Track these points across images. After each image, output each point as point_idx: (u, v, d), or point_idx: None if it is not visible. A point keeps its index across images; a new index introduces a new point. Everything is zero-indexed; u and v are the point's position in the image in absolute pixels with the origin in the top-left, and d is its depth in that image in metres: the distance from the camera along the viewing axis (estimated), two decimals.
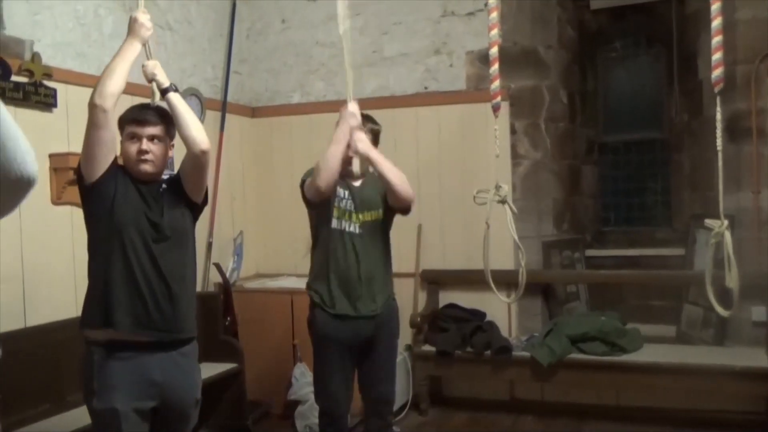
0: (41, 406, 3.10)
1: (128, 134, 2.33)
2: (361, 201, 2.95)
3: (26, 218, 3.16)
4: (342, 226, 2.93)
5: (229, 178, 4.68)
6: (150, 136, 2.32)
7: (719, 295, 2.50)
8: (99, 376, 2.24)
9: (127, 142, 2.33)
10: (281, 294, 4.37)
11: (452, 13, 4.61)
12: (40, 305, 3.23)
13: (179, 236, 2.36)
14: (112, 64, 2.24)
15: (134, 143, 2.31)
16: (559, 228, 4.76)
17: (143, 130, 2.31)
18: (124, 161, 2.36)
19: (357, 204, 2.95)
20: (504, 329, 4.41)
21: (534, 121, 4.61)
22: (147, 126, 2.32)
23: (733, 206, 3.92)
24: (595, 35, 5.12)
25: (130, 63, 2.26)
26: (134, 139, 2.32)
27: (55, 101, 3.31)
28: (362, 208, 2.95)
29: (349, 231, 2.94)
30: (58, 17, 3.41)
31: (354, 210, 2.95)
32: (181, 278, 2.35)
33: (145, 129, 2.31)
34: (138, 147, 2.30)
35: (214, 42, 4.62)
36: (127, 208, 2.27)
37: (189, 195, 2.42)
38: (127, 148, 2.33)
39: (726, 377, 3.72)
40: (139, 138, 2.31)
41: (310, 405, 3.91)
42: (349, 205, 2.96)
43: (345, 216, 2.94)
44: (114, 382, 2.23)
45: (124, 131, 2.34)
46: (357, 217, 2.94)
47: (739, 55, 4.02)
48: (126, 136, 2.34)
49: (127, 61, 2.26)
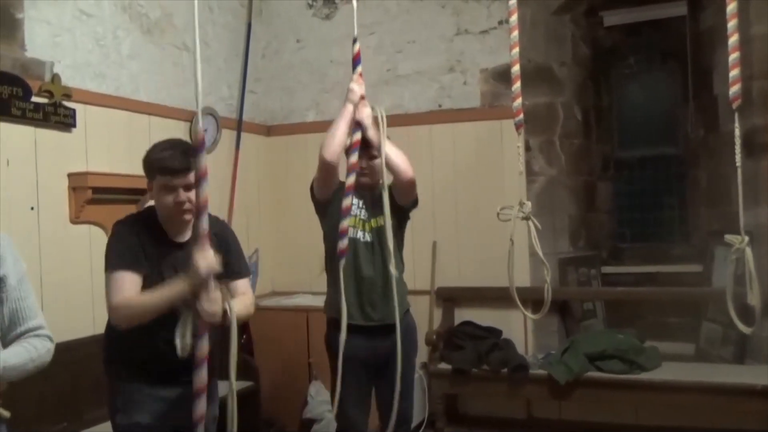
0: (59, 425, 3.11)
1: (162, 185, 2.22)
2: (373, 209, 2.97)
3: (45, 237, 3.19)
4: (356, 234, 2.95)
5: (245, 196, 4.71)
6: (186, 186, 2.21)
7: (740, 312, 2.46)
8: (123, 392, 2.27)
9: (162, 192, 2.23)
10: (297, 312, 4.37)
11: (466, 31, 4.63)
12: (59, 323, 3.23)
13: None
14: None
15: (170, 194, 2.22)
16: (575, 245, 4.74)
17: (179, 181, 2.21)
18: (158, 210, 2.29)
19: (370, 212, 2.97)
20: (520, 347, 4.38)
21: (549, 138, 4.61)
22: (183, 176, 2.21)
23: (752, 222, 3.88)
24: (609, 51, 5.12)
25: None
26: (169, 189, 2.22)
27: (74, 121, 3.34)
28: (374, 215, 2.97)
29: (363, 240, 2.96)
30: (78, 39, 3.46)
31: (367, 218, 2.97)
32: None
33: (181, 180, 2.21)
34: (175, 198, 2.22)
35: (229, 62, 4.67)
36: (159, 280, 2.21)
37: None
38: (162, 199, 2.24)
39: (747, 396, 3.66)
40: (175, 189, 2.21)
41: (326, 423, 3.89)
42: (363, 214, 2.98)
43: (359, 224, 2.97)
44: (137, 398, 2.25)
45: (155, 179, 2.24)
46: (369, 225, 2.97)
47: (755, 70, 4.00)
48: (159, 186, 2.23)
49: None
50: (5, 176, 3.01)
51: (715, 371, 3.97)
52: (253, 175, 4.87)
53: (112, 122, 3.62)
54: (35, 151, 3.18)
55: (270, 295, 4.87)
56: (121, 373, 2.31)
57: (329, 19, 4.93)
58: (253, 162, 4.86)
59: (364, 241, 2.96)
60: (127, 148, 3.57)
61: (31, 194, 3.15)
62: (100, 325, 3.30)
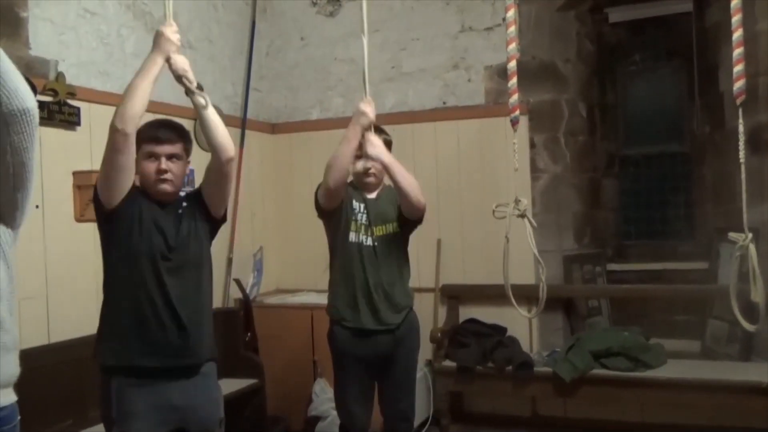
0: (64, 422, 3.12)
1: (146, 153, 2.27)
2: (375, 215, 2.97)
3: (50, 235, 3.21)
4: (359, 239, 2.95)
5: (249, 194, 4.72)
6: (169, 155, 2.28)
7: (744, 309, 2.46)
8: (117, 404, 2.22)
9: (145, 160, 2.28)
10: (301, 310, 4.38)
11: (470, 28, 4.62)
12: (64, 321, 3.26)
13: (194, 262, 2.33)
14: (134, 81, 2.13)
15: (152, 162, 2.27)
16: (580, 242, 4.72)
17: (162, 149, 2.27)
18: (141, 180, 2.32)
19: (372, 218, 2.96)
20: (525, 344, 4.37)
21: (553, 135, 4.60)
22: (166, 144, 2.28)
23: (757, 219, 3.86)
24: (614, 48, 5.10)
25: (152, 80, 2.14)
26: (152, 158, 2.27)
27: (79, 120, 3.35)
28: (377, 222, 2.97)
29: (366, 245, 2.95)
30: (82, 37, 3.47)
31: (369, 224, 2.96)
32: (194, 304, 2.31)
33: (164, 148, 2.27)
34: (157, 166, 2.26)
35: (234, 60, 4.68)
36: (142, 237, 2.23)
37: (210, 209, 2.38)
38: (145, 167, 2.28)
39: (752, 393, 3.65)
40: (158, 157, 2.27)
41: (330, 421, 3.90)
42: (364, 219, 2.97)
43: (361, 230, 2.96)
44: (132, 409, 2.20)
45: (140, 149, 2.26)
46: (372, 231, 2.96)
47: (761, 67, 3.98)
48: (143, 154, 2.27)
49: (149, 78, 2.13)
50: None
51: (721, 369, 3.96)
52: (258, 173, 4.87)
53: None
54: (40, 149, 3.17)
55: (274, 292, 4.88)
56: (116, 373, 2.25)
57: (333, 17, 4.93)
58: (258, 160, 4.87)
59: (367, 246, 2.95)
60: None
61: (36, 193, 3.13)
62: None
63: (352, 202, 2.98)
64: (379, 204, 3.01)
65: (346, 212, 2.95)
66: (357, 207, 2.98)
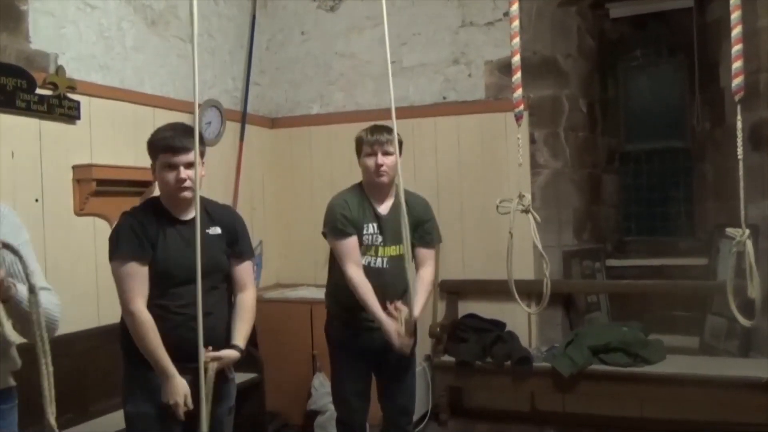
0: (64, 416, 3.12)
1: (164, 164, 2.31)
2: (390, 235, 2.89)
3: (49, 229, 3.20)
4: (367, 261, 2.89)
5: (249, 188, 4.71)
6: (187, 164, 2.29)
7: (742, 305, 2.46)
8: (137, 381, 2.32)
9: (164, 171, 2.31)
10: (301, 304, 4.38)
11: (471, 23, 4.61)
12: (64, 315, 3.25)
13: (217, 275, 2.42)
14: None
15: (171, 172, 2.30)
16: (580, 238, 4.73)
17: (179, 159, 2.29)
18: (161, 189, 2.37)
19: (385, 238, 2.90)
20: (524, 340, 4.38)
21: (554, 131, 4.59)
22: (183, 154, 2.29)
23: (758, 215, 3.87)
24: (615, 44, 5.09)
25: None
26: (171, 167, 2.30)
27: (79, 113, 3.35)
28: (391, 242, 2.90)
29: (375, 266, 2.89)
30: (82, 31, 3.46)
31: (381, 244, 2.90)
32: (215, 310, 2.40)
33: (182, 158, 2.29)
34: (176, 176, 2.29)
35: (234, 54, 4.67)
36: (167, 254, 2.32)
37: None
38: (164, 176, 2.32)
39: (751, 389, 3.65)
40: (176, 167, 2.29)
41: (330, 415, 3.90)
42: (377, 240, 2.90)
43: (371, 251, 2.90)
44: (151, 387, 2.29)
45: (158, 159, 2.32)
46: (384, 251, 2.90)
47: (762, 63, 3.97)
48: (161, 165, 2.32)
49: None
50: (10, 168, 3.02)
51: (720, 364, 3.96)
52: (258, 168, 4.87)
53: (117, 114, 3.62)
54: (40, 143, 3.19)
55: (274, 287, 4.88)
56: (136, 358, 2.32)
57: (334, 12, 4.92)
58: (258, 154, 4.86)
59: (375, 267, 2.90)
60: (131, 141, 3.57)
61: (35, 186, 3.16)
62: (105, 316, 3.34)
63: (363, 228, 2.88)
64: (394, 222, 2.83)
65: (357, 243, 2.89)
66: (368, 229, 2.89)
